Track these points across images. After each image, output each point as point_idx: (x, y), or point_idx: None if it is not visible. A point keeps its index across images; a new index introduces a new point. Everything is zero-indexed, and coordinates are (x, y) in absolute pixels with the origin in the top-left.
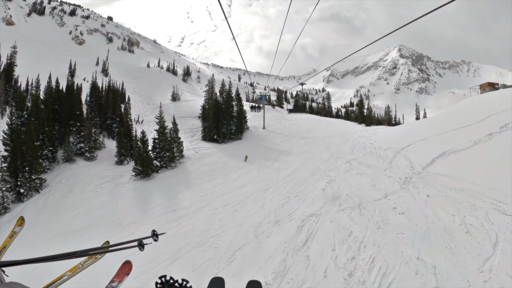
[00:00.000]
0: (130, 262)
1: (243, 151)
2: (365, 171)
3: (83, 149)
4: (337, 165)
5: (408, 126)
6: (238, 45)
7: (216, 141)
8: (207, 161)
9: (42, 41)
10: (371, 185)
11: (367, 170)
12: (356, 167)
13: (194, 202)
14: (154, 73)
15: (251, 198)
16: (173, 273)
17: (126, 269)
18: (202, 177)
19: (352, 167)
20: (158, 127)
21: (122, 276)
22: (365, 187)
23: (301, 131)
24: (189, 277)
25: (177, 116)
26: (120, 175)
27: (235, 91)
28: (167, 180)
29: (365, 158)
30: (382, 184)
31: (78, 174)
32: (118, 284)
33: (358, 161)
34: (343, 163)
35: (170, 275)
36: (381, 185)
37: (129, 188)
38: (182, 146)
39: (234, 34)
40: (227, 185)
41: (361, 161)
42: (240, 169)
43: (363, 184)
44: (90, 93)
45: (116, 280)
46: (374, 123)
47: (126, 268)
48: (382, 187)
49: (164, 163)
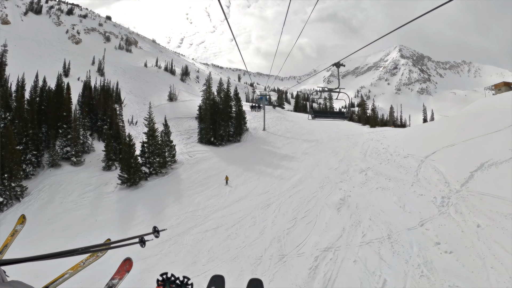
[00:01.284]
0: (131, 259)
1: (241, 155)
2: (386, 184)
3: (69, 153)
4: (350, 175)
5: (420, 128)
6: (238, 44)
7: (213, 144)
8: (202, 166)
9: (38, 40)
10: (399, 205)
11: (388, 184)
12: (373, 178)
13: (182, 220)
14: (152, 73)
15: (249, 217)
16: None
17: (127, 266)
18: (194, 186)
19: (368, 179)
20: (147, 130)
21: (123, 273)
22: (391, 209)
23: (304, 133)
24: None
25: (173, 117)
26: (105, 183)
27: (233, 91)
28: (156, 190)
29: (382, 167)
30: (413, 205)
31: (61, 181)
32: (119, 281)
33: (374, 170)
34: (357, 172)
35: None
36: (412, 207)
37: (113, 199)
38: (174, 150)
39: (233, 34)
40: (222, 197)
41: (378, 170)
42: (237, 177)
43: (387, 203)
44: (82, 93)
45: (117, 277)
46: (379, 125)
47: (126, 265)
48: (414, 210)
49: (153, 170)
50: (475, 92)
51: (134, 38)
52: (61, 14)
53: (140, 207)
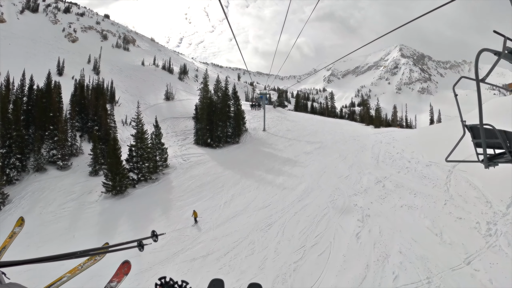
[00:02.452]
0: (129, 262)
1: (240, 159)
2: (412, 201)
3: (56, 156)
4: (364, 186)
5: (433, 130)
6: (238, 43)
7: (210, 146)
8: (196, 172)
9: (33, 38)
10: (434, 233)
11: (415, 201)
12: (394, 192)
13: (168, 241)
14: (149, 71)
15: (246, 242)
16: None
17: (125, 269)
18: (185, 196)
19: (388, 192)
20: (135, 132)
21: (121, 276)
22: (425, 237)
23: (306, 134)
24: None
25: (169, 117)
26: (89, 191)
27: (231, 89)
28: (143, 200)
29: (402, 178)
30: (452, 232)
31: (45, 187)
32: (117, 284)
33: (393, 181)
34: (372, 182)
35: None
36: (452, 235)
37: (96, 210)
38: (166, 153)
39: (232, 34)
40: (216, 211)
41: (398, 181)
42: (234, 185)
43: (419, 228)
44: (74, 93)
45: (115, 280)
46: (383, 125)
47: (125, 268)
48: (455, 240)
49: (142, 176)
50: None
51: (132, 36)
52: (58, 12)
53: (123, 221)
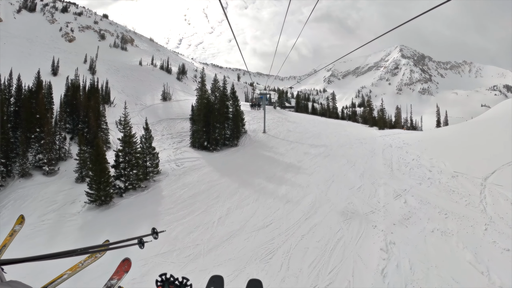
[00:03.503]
0: (129, 260)
1: (238, 163)
2: (444, 224)
3: (42, 161)
4: (381, 201)
5: (446, 133)
6: (238, 44)
7: (207, 149)
8: (189, 179)
9: (29, 38)
10: (479, 270)
11: (447, 224)
12: (419, 210)
13: (148, 269)
14: (147, 71)
15: (242, 278)
16: None
17: (125, 266)
18: (176, 209)
19: (412, 210)
20: (122, 135)
21: (121, 274)
22: (469, 276)
23: (309, 136)
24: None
25: (166, 118)
26: (73, 201)
27: (230, 89)
28: (129, 212)
29: (425, 191)
30: (501, 270)
31: (28, 195)
32: (117, 281)
33: (416, 195)
34: (391, 196)
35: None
36: (502, 275)
37: (77, 223)
38: (157, 158)
39: (232, 34)
40: (208, 230)
41: (422, 196)
42: (231, 195)
43: (459, 263)
44: (65, 93)
45: (115, 277)
46: (388, 126)
47: (125, 265)
48: (506, 283)
49: (130, 184)
50: (477, 93)
51: (130, 36)
52: (55, 11)
53: (104, 237)
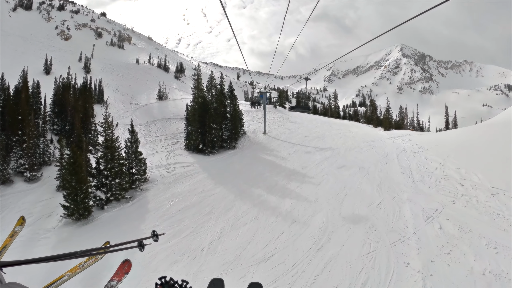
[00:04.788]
0: (130, 261)
1: (235, 169)
2: (496, 263)
3: (23, 166)
4: (411, 225)
5: (465, 136)
6: (238, 43)
7: (202, 152)
8: (180, 188)
9: (23, 36)
10: None
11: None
12: (461, 241)
13: None
14: (143, 70)
15: None
16: None
17: (126, 267)
18: (161, 227)
19: (451, 241)
20: (103, 139)
21: (122, 275)
22: None
23: (312, 137)
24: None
25: (161, 118)
26: (50, 213)
27: (227, 87)
28: (109, 229)
29: (462, 213)
30: None
31: (4, 206)
32: (118, 282)
33: (452, 219)
34: (421, 219)
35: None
36: None
37: (50, 241)
38: (144, 165)
39: (232, 33)
40: (195, 262)
41: (460, 220)
42: (226, 211)
43: None
44: (55, 93)
45: (116, 279)
46: (393, 127)
47: (125, 266)
48: None
49: (112, 195)
50: (478, 92)
51: (128, 34)
52: (52, 10)
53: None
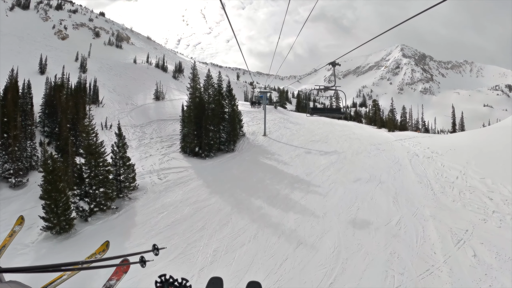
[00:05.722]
0: (128, 260)
1: (233, 175)
2: None
3: (8, 171)
4: (439, 252)
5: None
6: (238, 42)
7: (199, 155)
8: (171, 198)
9: (20, 35)
10: None
11: None
12: (500, 271)
13: None
14: (141, 69)
15: None
16: None
17: (124, 267)
18: (146, 245)
19: (490, 272)
20: (85, 143)
21: (120, 274)
22: None
23: (315, 139)
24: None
25: (156, 119)
26: (30, 225)
27: (226, 86)
28: (90, 246)
29: (495, 234)
30: None
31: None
32: (116, 282)
33: (486, 242)
34: (451, 243)
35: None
36: None
37: (27, 258)
38: (133, 171)
39: (232, 32)
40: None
41: (495, 244)
42: (221, 227)
43: None
44: (47, 94)
45: (114, 278)
46: (397, 128)
47: (124, 266)
48: None
49: (97, 205)
50: (479, 93)
51: (127, 34)
52: (49, 9)
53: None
